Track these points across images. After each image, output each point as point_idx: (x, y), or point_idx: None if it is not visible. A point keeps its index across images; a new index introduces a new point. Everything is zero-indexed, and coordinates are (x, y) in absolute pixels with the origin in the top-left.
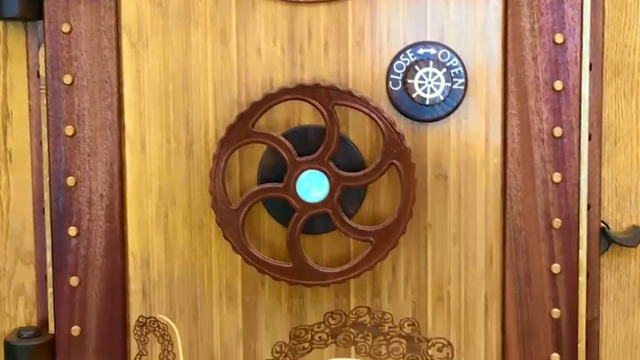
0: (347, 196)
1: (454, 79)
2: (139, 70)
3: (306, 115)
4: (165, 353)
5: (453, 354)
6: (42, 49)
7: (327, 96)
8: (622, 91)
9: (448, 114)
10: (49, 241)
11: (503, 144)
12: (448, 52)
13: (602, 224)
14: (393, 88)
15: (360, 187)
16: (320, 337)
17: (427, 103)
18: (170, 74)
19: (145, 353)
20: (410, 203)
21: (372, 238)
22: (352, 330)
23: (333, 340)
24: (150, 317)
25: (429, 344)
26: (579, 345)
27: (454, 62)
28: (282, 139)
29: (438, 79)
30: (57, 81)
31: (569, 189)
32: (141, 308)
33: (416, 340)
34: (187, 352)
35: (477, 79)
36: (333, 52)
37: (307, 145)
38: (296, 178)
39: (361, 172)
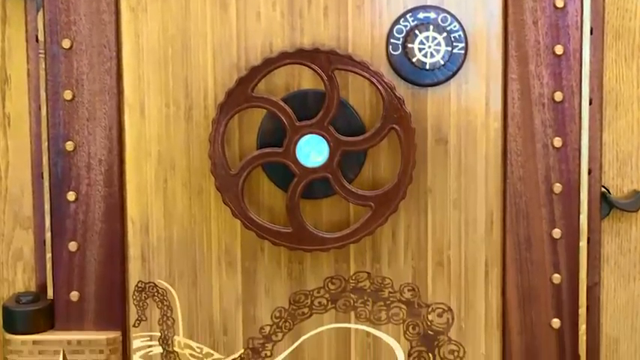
0: (347, 161)
1: (454, 44)
2: (138, 34)
3: (305, 79)
4: (165, 318)
5: (453, 319)
6: (40, 13)
7: (327, 60)
8: (623, 56)
9: (448, 78)
10: (47, 206)
11: (503, 108)
12: (448, 16)
13: (603, 189)
14: (393, 52)
15: (359, 151)
16: (320, 303)
17: (427, 67)
18: (169, 39)
19: (144, 318)
20: (410, 168)
21: (371, 203)
22: (352, 295)
23: (333, 305)
24: (149, 282)
25: (429, 309)
26: (580, 310)
27: (454, 26)
28: (282, 103)
29: (439, 44)
30: (55, 45)
31: (570, 154)
32: (140, 273)
33: (416, 306)
34: (186, 318)
35: (477, 44)
36: (332, 17)
37: (307, 109)
38: (295, 142)
39: (361, 137)
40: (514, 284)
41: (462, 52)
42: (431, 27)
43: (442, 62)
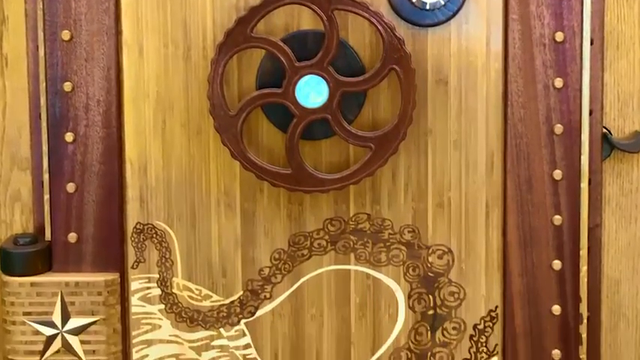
0: (346, 102)
1: None
2: None
3: (305, 20)
4: (163, 260)
5: (453, 261)
6: None
7: (327, 0)
8: None
9: (449, 19)
10: (45, 147)
11: (504, 49)
12: None
13: (604, 130)
14: None
15: (359, 92)
16: (319, 244)
17: (427, 7)
18: None
19: (142, 260)
20: (410, 109)
21: (371, 144)
22: (352, 237)
23: (333, 246)
24: (147, 224)
25: (429, 251)
26: (581, 252)
27: None
28: (281, 44)
29: None
30: None
31: (571, 94)
32: (138, 215)
33: (416, 247)
34: (185, 259)
35: None
36: None
37: (306, 50)
38: (295, 83)
39: (361, 78)
40: (515, 226)
41: None
42: None
43: (442, 2)
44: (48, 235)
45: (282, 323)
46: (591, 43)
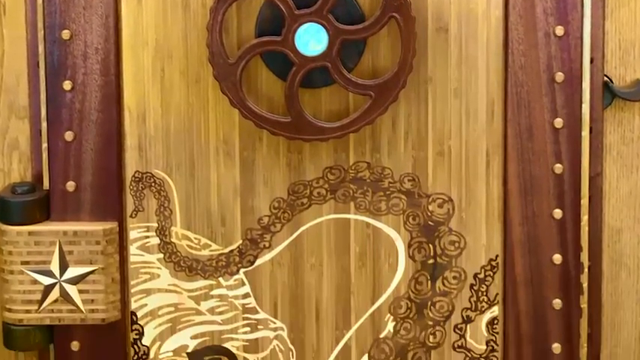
0: (346, 50)
1: None
2: None
3: None
4: (162, 209)
5: (453, 210)
6: None
7: None
8: None
9: None
10: (43, 96)
11: None
12: None
13: (606, 78)
14: None
15: (359, 40)
16: (319, 193)
17: None
18: None
19: (141, 209)
20: (410, 57)
21: (371, 92)
22: (351, 185)
23: (332, 195)
24: (146, 173)
25: (430, 200)
26: (582, 201)
27: None
28: None
29: None
30: None
31: (572, 42)
32: (137, 163)
33: (416, 196)
34: (184, 208)
35: None
36: None
37: None
38: (294, 31)
39: (361, 25)
40: (515, 174)
41: None
42: None
43: None
44: (46, 184)
45: (281, 272)
46: None
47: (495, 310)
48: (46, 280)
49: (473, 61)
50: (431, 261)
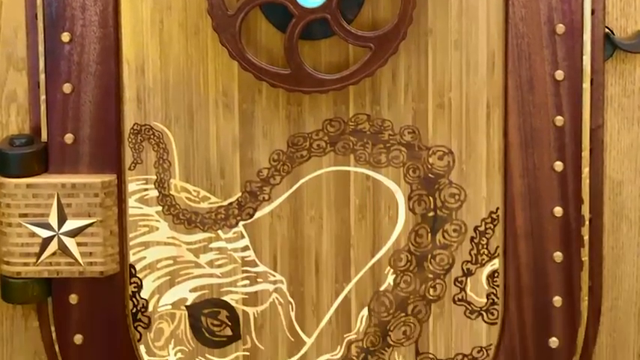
0: (346, 2)
1: None
2: None
3: None
4: (161, 161)
5: (453, 162)
6: None
7: None
8: None
9: None
10: (41, 48)
11: None
12: None
13: (607, 30)
14: None
15: None
16: (318, 145)
17: None
18: None
19: (139, 161)
20: (410, 8)
21: (371, 44)
22: (351, 138)
23: (332, 148)
24: (145, 125)
25: (430, 152)
26: (583, 153)
27: None
28: None
29: None
30: None
31: None
32: (136, 115)
33: (416, 148)
34: (183, 161)
35: None
36: None
37: None
38: None
39: None
40: (516, 127)
41: None
42: None
43: None
44: (44, 136)
45: (280, 225)
46: None
47: (496, 263)
48: (45, 233)
49: (473, 12)
50: (431, 214)
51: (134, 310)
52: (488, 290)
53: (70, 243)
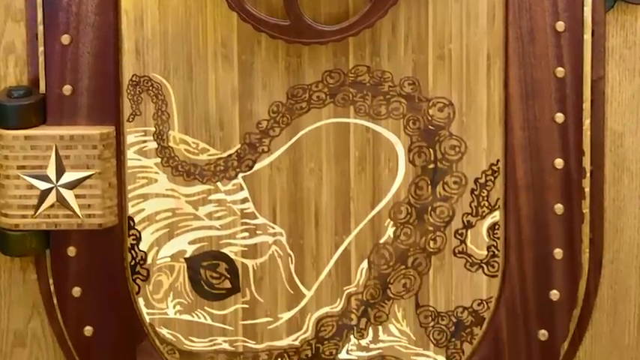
0: None
1: None
2: None
3: None
4: (159, 113)
5: (454, 114)
6: None
7: None
8: None
9: None
10: None
11: None
12: None
13: None
14: None
15: None
16: (318, 97)
17: None
18: None
19: (138, 113)
20: None
21: None
22: (351, 89)
23: (332, 99)
24: (143, 76)
25: (430, 104)
26: (584, 104)
27: None
28: None
29: None
30: None
31: None
32: (134, 67)
33: (416, 100)
34: (182, 112)
35: None
36: None
37: None
38: None
39: None
40: (516, 78)
41: None
42: None
43: None
44: (42, 88)
45: (280, 177)
46: None
47: (496, 215)
48: (43, 185)
49: None
50: (431, 166)
51: (133, 263)
52: (488, 243)
53: (69, 195)
